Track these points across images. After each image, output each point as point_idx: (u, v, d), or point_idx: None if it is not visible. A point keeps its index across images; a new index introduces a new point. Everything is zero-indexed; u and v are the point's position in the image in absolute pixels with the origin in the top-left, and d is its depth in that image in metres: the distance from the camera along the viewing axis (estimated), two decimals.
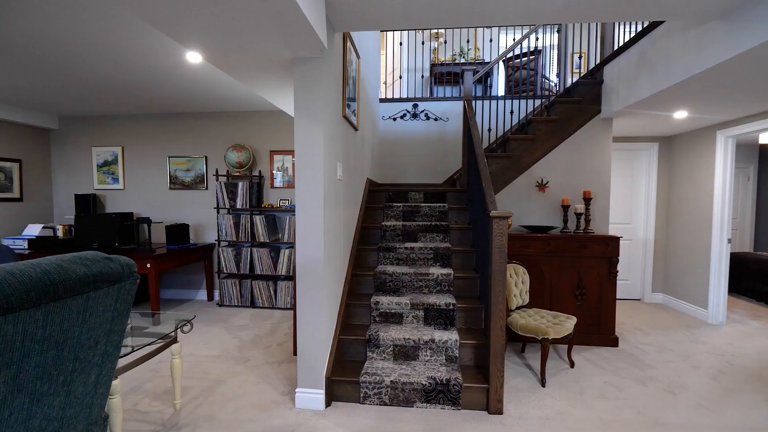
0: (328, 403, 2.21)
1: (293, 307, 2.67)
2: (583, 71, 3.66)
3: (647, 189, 4.45)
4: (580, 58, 3.54)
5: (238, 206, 4.21)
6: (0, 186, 4.24)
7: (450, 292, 2.79)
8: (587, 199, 3.33)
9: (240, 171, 4.32)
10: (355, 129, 3.03)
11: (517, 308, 2.89)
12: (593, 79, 3.46)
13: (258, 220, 4.15)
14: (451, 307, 2.55)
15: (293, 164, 4.37)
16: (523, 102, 4.37)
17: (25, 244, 3.93)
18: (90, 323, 1.20)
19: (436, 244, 3.05)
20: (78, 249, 3.86)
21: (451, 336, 2.38)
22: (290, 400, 2.26)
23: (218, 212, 4.28)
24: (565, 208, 3.38)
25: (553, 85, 4.34)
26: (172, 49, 2.63)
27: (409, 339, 2.38)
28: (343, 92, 2.55)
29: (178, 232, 4.13)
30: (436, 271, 2.81)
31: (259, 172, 4.42)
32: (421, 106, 4.74)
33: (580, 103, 3.45)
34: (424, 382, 2.17)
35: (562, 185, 3.54)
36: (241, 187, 4.19)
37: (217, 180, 4.28)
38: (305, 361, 2.21)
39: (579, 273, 3.13)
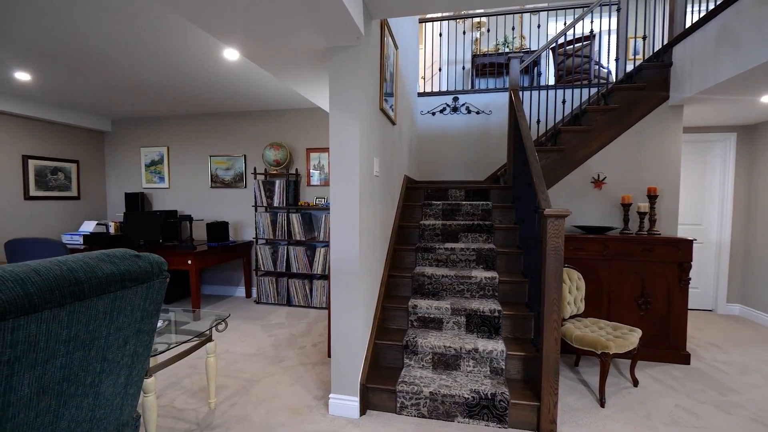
0: (362, 412, 2.09)
1: (328, 308, 2.58)
2: (643, 57, 3.28)
3: (722, 185, 3.94)
4: (644, 39, 3.17)
5: (275, 204, 4.22)
6: (60, 185, 4.53)
7: (494, 298, 2.58)
8: (652, 197, 2.97)
9: (277, 169, 4.32)
10: (393, 123, 2.89)
11: (571, 317, 2.62)
12: (660, 61, 3.09)
13: (294, 218, 4.13)
14: (497, 314, 2.34)
15: (329, 162, 4.31)
16: (576, 92, 4.03)
17: (81, 240, 4.16)
18: (118, 323, 1.16)
19: (479, 245, 2.85)
20: (126, 245, 4.03)
21: (496, 346, 2.18)
22: (324, 406, 2.16)
23: (256, 210, 4.31)
24: (626, 206, 3.04)
25: (608, 72, 3.96)
26: (210, 49, 2.63)
27: (449, 347, 2.20)
28: (380, 84, 2.42)
29: (218, 229, 4.20)
30: (479, 274, 2.61)
31: (296, 170, 4.40)
32: (462, 99, 4.51)
33: (644, 89, 3.09)
34: (466, 396, 1.99)
35: (622, 181, 3.19)
36: (278, 185, 4.19)
37: (255, 178, 4.31)
38: (339, 365, 2.10)
39: (642, 279, 2.79)
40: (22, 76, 3.24)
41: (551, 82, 5.06)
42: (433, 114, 4.58)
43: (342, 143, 2.00)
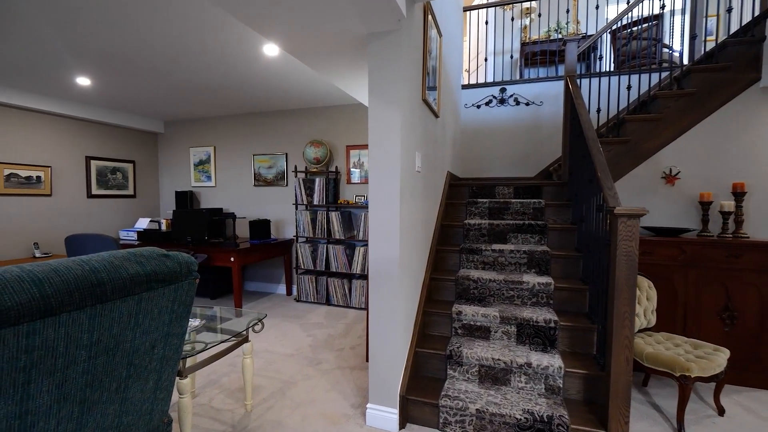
0: (402, 425, 1.94)
1: (367, 309, 2.47)
2: (716, 38, 2.84)
3: None
4: (729, 11, 2.73)
5: (315, 202, 4.18)
6: (118, 184, 4.82)
7: (549, 306, 2.32)
8: (739, 194, 2.55)
9: (317, 167, 4.28)
10: (436, 116, 2.72)
11: (640, 331, 2.31)
12: (749, 36, 2.65)
13: (334, 216, 4.07)
14: (552, 324, 2.10)
15: (369, 157, 4.21)
16: (642, 77, 3.61)
17: (135, 236, 4.38)
18: (144, 327, 1.10)
19: (531, 247, 2.59)
20: (175, 241, 4.18)
21: (552, 361, 1.94)
22: (361, 415, 2.04)
23: (296, 208, 4.30)
24: (705, 205, 2.64)
25: (677, 54, 3.50)
26: (250, 44, 2.60)
27: (498, 360, 2.00)
28: (423, 73, 2.25)
29: (260, 227, 4.25)
30: (531, 279, 2.36)
31: (336, 167, 4.34)
32: (510, 89, 4.22)
33: (729, 69, 2.66)
34: (518, 416, 1.78)
35: (700, 176, 2.78)
36: (318, 183, 4.15)
37: (295, 176, 4.30)
38: (378, 373, 1.97)
39: (727, 290, 2.40)
40: (83, 81, 3.43)
41: (607, 69, 4.61)
42: (478, 107, 4.33)
43: (382, 136, 1.87)
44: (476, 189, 3.28)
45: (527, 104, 4.17)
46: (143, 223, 4.60)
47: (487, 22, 4.15)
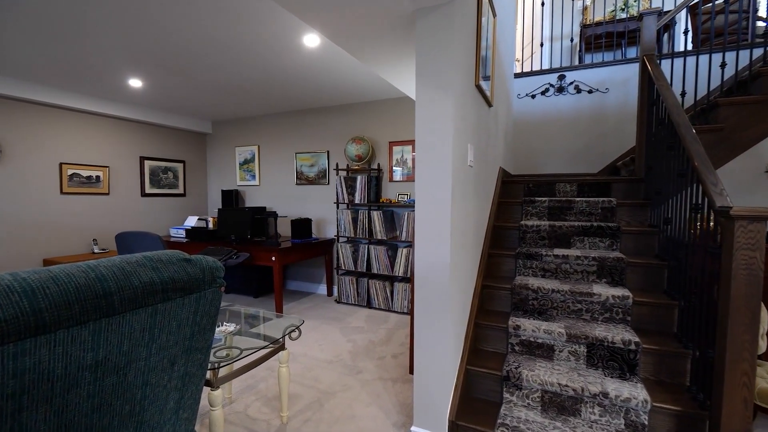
0: None
1: (410, 315, 2.27)
2: None
3: None
4: None
5: (357, 201, 4.04)
6: (169, 183, 4.99)
7: (625, 323, 1.98)
8: None
9: (359, 164, 4.14)
10: (489, 105, 2.44)
11: None
12: None
13: (376, 215, 3.90)
14: (633, 346, 1.76)
15: (413, 158, 3.98)
16: (728, 55, 3.08)
17: (184, 233, 4.49)
18: (161, 342, 0.97)
19: (601, 253, 2.24)
20: (220, 239, 4.22)
21: (635, 392, 1.62)
22: None
23: (338, 207, 4.18)
24: None
25: None
26: (290, 36, 2.49)
27: (566, 386, 1.70)
28: (476, 54, 2.00)
29: (301, 226, 4.18)
30: (604, 290, 2.03)
31: (378, 165, 4.17)
32: (570, 76, 3.81)
33: None
34: None
35: None
36: (360, 181, 4.00)
37: (337, 174, 4.18)
38: (424, 393, 1.75)
39: None
40: (135, 82, 3.53)
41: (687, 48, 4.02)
42: (533, 96, 3.96)
43: (431, 126, 1.64)
44: (533, 186, 2.95)
45: (590, 92, 3.74)
46: (192, 221, 4.72)
47: (543, 3, 3.77)
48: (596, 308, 2.04)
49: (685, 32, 2.64)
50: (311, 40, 2.57)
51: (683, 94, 2.70)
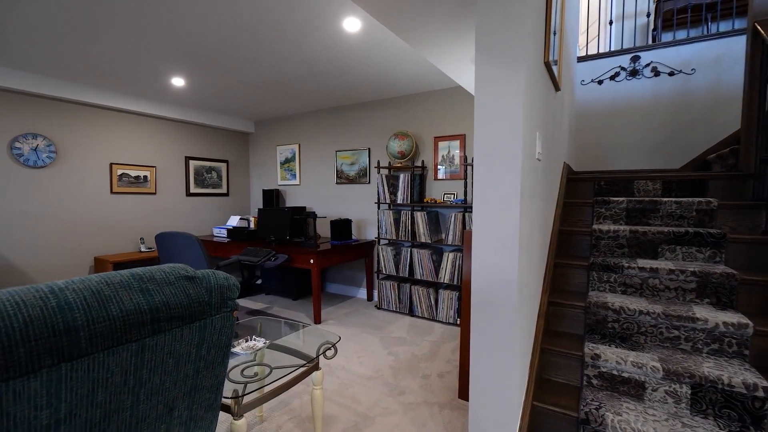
0: None
1: (461, 329, 1.99)
2: None
3: None
4: None
5: (399, 201, 3.78)
6: (213, 183, 5.03)
7: (742, 358, 1.55)
8: None
9: (402, 161, 3.88)
10: (557, 88, 2.08)
11: None
12: None
13: (419, 216, 3.62)
14: (761, 393, 1.35)
15: (461, 155, 3.66)
16: None
17: (225, 233, 4.48)
18: (152, 386, 0.75)
19: (702, 267, 1.81)
20: (259, 240, 4.15)
21: None
22: None
23: (378, 207, 3.95)
24: None
25: None
26: (329, 19, 2.28)
27: None
28: (546, 24, 1.66)
29: (341, 227, 4.00)
30: (710, 315, 1.61)
31: (422, 162, 3.88)
32: (646, 57, 3.30)
33: None
34: None
35: None
36: (402, 179, 3.74)
37: (378, 172, 3.96)
38: None
39: None
40: (178, 81, 3.52)
41: None
42: (600, 82, 3.48)
43: (494, 109, 1.34)
44: (605, 184, 2.53)
45: (671, 74, 3.21)
46: (234, 221, 4.71)
47: None
48: (699, 337, 1.62)
49: None
50: (352, 24, 2.35)
51: None
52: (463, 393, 2.19)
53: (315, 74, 3.32)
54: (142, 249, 4.09)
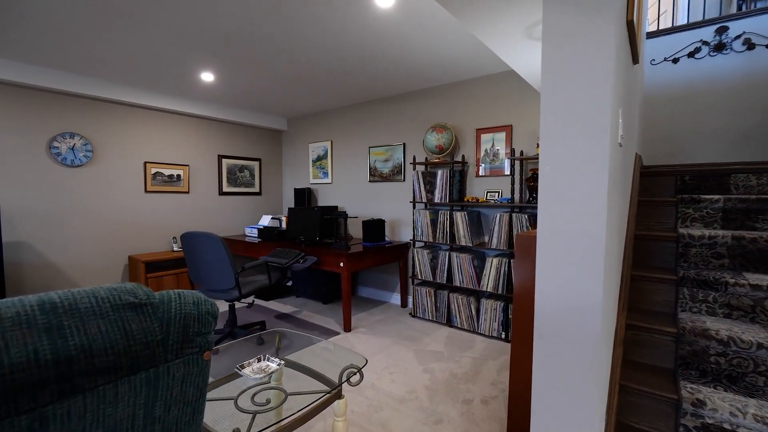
0: None
1: (511, 345, 1.66)
2: None
3: None
4: None
5: (436, 200, 3.46)
6: (245, 182, 4.96)
7: None
8: None
9: (439, 157, 3.55)
10: (635, 60, 1.68)
11: None
12: None
13: (459, 217, 3.29)
14: None
15: (507, 152, 3.27)
16: None
17: (256, 233, 4.37)
18: None
19: None
20: (289, 240, 3.98)
21: None
22: None
23: (414, 207, 3.66)
24: None
25: None
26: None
27: None
28: None
29: (374, 228, 3.74)
30: None
31: (462, 156, 3.54)
32: (735, 27, 2.76)
33: None
34: None
35: None
36: (440, 176, 3.41)
37: (414, 169, 3.66)
38: None
39: None
40: (207, 76, 3.42)
41: None
42: (675, 61, 2.97)
43: (572, 72, 1.01)
44: (691, 179, 2.08)
45: None
46: (265, 221, 4.60)
47: None
48: None
49: None
50: None
51: None
52: (514, 427, 1.85)
53: (347, 64, 3.08)
54: (175, 248, 4.06)
